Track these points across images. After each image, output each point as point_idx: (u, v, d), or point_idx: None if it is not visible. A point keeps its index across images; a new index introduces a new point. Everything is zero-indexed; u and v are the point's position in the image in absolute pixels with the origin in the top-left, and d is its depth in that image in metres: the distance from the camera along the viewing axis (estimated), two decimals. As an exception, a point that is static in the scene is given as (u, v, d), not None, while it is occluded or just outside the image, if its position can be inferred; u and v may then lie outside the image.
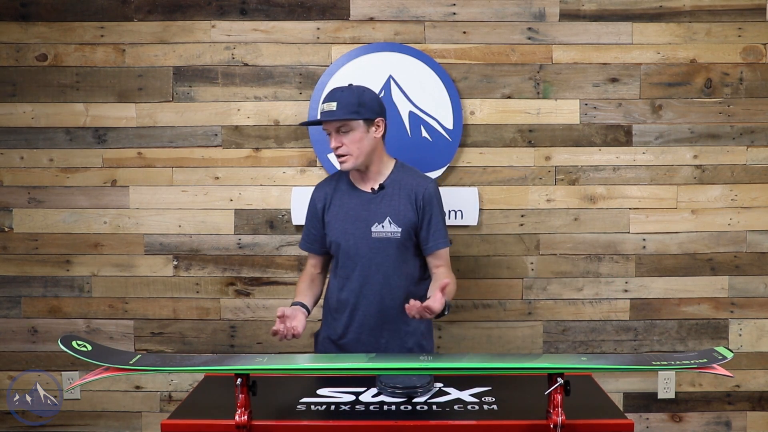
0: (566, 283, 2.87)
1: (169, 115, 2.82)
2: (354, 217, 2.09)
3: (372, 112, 2.03)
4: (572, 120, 2.83)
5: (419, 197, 2.07)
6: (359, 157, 2.03)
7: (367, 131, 2.03)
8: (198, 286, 2.87)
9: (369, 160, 2.07)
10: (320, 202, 2.18)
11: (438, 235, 2.10)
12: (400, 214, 2.06)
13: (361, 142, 2.02)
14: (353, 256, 2.10)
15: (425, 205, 2.07)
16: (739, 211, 2.86)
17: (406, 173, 2.12)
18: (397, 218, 2.05)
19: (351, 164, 2.04)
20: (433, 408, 1.73)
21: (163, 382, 2.90)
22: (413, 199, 2.07)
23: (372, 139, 2.04)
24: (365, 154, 2.04)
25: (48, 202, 2.85)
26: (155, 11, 2.79)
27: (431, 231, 2.09)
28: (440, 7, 2.78)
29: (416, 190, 2.07)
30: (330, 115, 2.00)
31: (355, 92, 2.04)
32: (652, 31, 2.80)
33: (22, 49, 2.80)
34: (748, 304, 2.88)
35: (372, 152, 2.05)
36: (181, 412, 1.74)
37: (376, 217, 2.06)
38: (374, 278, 2.09)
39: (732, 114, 2.83)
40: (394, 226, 2.05)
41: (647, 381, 2.90)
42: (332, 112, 2.00)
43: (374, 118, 2.04)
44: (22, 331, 2.88)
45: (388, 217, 2.05)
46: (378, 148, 2.08)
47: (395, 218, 2.05)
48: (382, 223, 2.05)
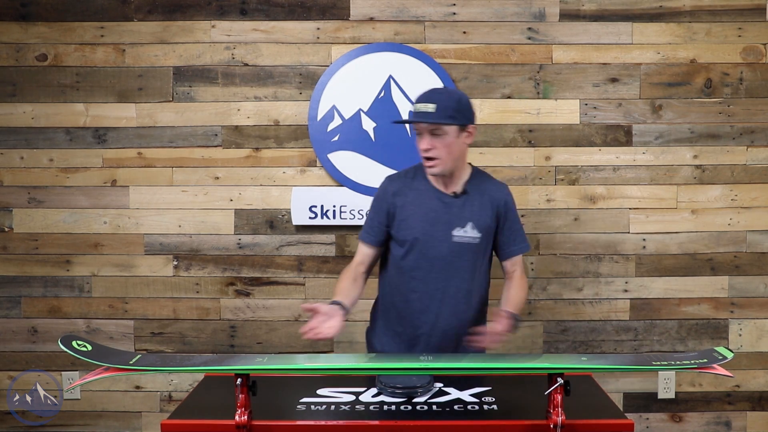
0: (566, 283, 2.87)
1: (169, 115, 2.82)
2: (434, 218, 2.04)
3: (467, 118, 2.00)
4: (572, 120, 2.83)
5: (500, 204, 2.07)
6: (448, 163, 1.99)
7: (459, 137, 1.99)
8: (198, 286, 2.87)
9: (455, 166, 2.03)
10: (392, 197, 2.10)
11: (519, 240, 2.13)
12: (480, 220, 2.04)
13: (451, 147, 1.98)
14: (432, 258, 2.05)
15: (506, 212, 2.09)
16: (739, 211, 2.86)
17: (483, 179, 2.11)
18: (479, 224, 2.04)
19: (439, 169, 2.00)
20: (433, 408, 1.73)
21: (163, 382, 2.90)
22: (494, 205, 2.07)
23: (462, 144, 2.01)
24: (454, 160, 2.00)
25: (48, 202, 2.85)
26: (155, 11, 2.79)
27: (513, 236, 2.12)
28: (440, 7, 2.78)
29: (496, 196, 2.07)
30: (428, 116, 1.95)
31: (454, 96, 2.01)
32: (652, 31, 2.80)
33: (22, 49, 2.80)
34: (748, 304, 2.88)
35: (459, 159, 2.03)
36: (181, 412, 1.74)
37: (458, 221, 2.03)
38: (453, 281, 2.06)
39: (732, 114, 2.83)
40: (475, 231, 2.04)
41: (647, 381, 2.90)
42: (430, 114, 1.95)
43: (468, 124, 2.01)
44: (22, 331, 2.88)
45: (469, 222, 2.04)
46: (464, 156, 2.06)
47: (477, 224, 2.04)
48: (464, 228, 2.03)
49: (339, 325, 1.88)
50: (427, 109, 1.95)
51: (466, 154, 2.07)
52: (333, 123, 2.78)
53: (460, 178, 2.07)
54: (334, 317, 1.87)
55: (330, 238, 2.84)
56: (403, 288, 2.10)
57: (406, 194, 2.08)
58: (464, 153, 2.04)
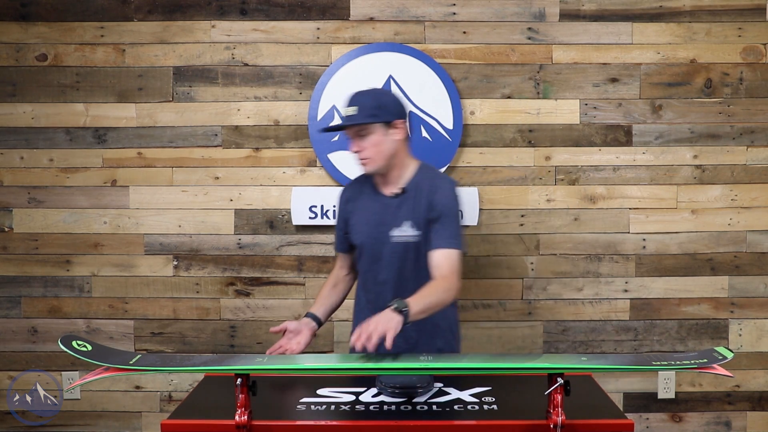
0: (566, 283, 2.87)
1: (169, 115, 2.82)
2: (376, 221, 2.06)
3: (390, 114, 2.00)
4: (572, 120, 2.83)
5: (434, 197, 2.02)
6: (379, 161, 2.00)
7: (386, 134, 1.99)
8: (198, 286, 2.87)
9: (390, 163, 2.03)
10: (345, 204, 2.17)
11: (447, 236, 1.98)
12: (418, 218, 2.02)
13: (380, 146, 1.98)
14: (378, 260, 2.08)
15: (441, 208, 2.01)
16: (739, 211, 2.86)
17: (427, 175, 2.08)
18: (416, 222, 2.02)
19: (371, 168, 2.01)
20: (433, 408, 1.73)
21: (163, 382, 2.90)
22: (429, 202, 2.03)
23: (392, 141, 2.00)
24: (385, 158, 2.00)
25: (48, 202, 2.85)
26: (155, 11, 2.79)
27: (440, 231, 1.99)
28: (440, 7, 2.78)
29: (432, 191, 2.03)
30: (349, 119, 1.98)
31: (375, 95, 2.03)
32: (652, 31, 2.80)
33: (22, 49, 2.80)
34: (748, 304, 2.88)
35: (393, 155, 2.02)
36: (181, 412, 1.74)
37: (395, 221, 2.04)
38: (400, 281, 2.06)
39: (732, 114, 2.83)
40: (413, 229, 2.02)
41: (647, 381, 2.90)
42: (351, 117, 1.97)
43: (393, 120, 2.00)
44: (22, 331, 2.88)
45: (406, 221, 2.03)
46: (399, 151, 2.03)
47: (415, 222, 2.02)
48: (401, 227, 2.02)
49: (306, 340, 2.05)
50: (349, 113, 1.98)
51: (404, 150, 2.05)
52: (333, 123, 2.78)
53: (401, 176, 2.05)
54: (302, 333, 2.04)
55: (330, 238, 2.84)
56: (363, 289, 2.16)
57: (356, 200, 2.13)
58: (399, 149, 2.03)
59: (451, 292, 1.91)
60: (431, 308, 1.84)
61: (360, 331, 1.67)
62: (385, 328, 1.66)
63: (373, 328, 1.66)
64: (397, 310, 1.72)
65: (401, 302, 1.74)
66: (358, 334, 1.67)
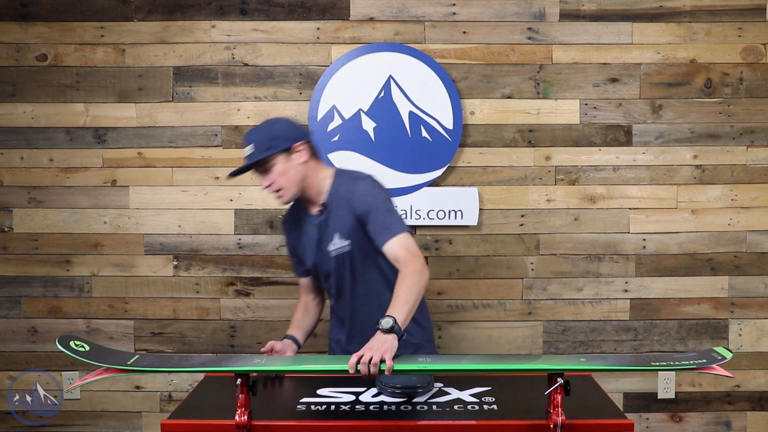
0: (566, 283, 2.87)
1: (169, 115, 2.82)
2: (313, 242, 2.08)
3: (286, 140, 1.99)
4: (572, 120, 2.83)
5: (355, 204, 2.00)
6: (291, 189, 2.00)
7: (289, 160, 1.98)
8: (198, 286, 2.87)
9: (304, 186, 2.02)
10: (288, 233, 2.21)
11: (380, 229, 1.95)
12: (344, 227, 2.02)
13: (287, 174, 1.98)
14: (327, 277, 2.10)
15: (366, 208, 1.98)
16: (739, 211, 2.86)
17: (342, 182, 2.05)
18: (343, 231, 2.02)
19: (287, 197, 2.02)
20: (433, 408, 1.73)
21: (163, 382, 2.90)
22: (351, 208, 2.00)
23: (297, 166, 1.99)
24: (296, 183, 2.00)
25: (48, 202, 2.85)
26: (155, 11, 2.79)
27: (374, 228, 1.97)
28: (440, 7, 2.78)
29: (349, 196, 2.01)
30: (249, 158, 1.98)
31: (266, 128, 2.02)
32: (652, 31, 2.80)
33: (22, 49, 2.80)
34: (748, 304, 2.88)
35: (303, 178, 2.01)
36: (181, 412, 1.74)
37: (327, 236, 2.05)
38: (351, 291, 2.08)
39: (732, 114, 2.83)
40: (343, 240, 2.02)
41: (647, 381, 2.90)
42: (250, 156, 1.98)
43: (291, 145, 1.99)
44: (22, 331, 2.88)
45: (335, 234, 2.03)
46: (310, 172, 2.02)
47: (342, 232, 2.02)
48: (333, 240, 2.03)
49: None
50: (246, 153, 1.99)
51: (315, 168, 2.04)
52: (333, 123, 2.78)
53: (319, 193, 2.05)
54: (287, 352, 2.07)
55: (330, 238, 2.84)
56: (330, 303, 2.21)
57: (295, 227, 2.16)
58: (307, 170, 2.02)
59: (422, 275, 1.87)
60: (414, 304, 1.82)
61: (357, 358, 1.65)
62: (381, 352, 1.65)
63: (369, 356, 1.64)
64: (386, 330, 1.70)
65: (386, 320, 1.71)
66: (355, 362, 1.65)
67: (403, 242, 1.93)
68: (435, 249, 2.85)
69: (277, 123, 2.06)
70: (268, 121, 2.08)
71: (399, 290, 1.82)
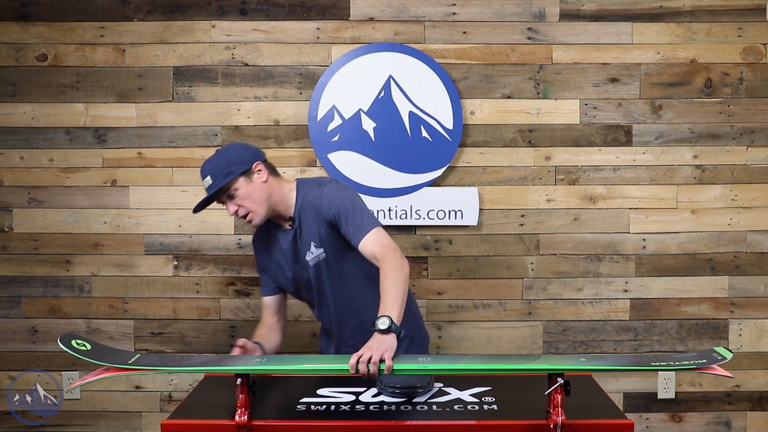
0: (566, 283, 2.87)
1: (169, 115, 2.82)
2: (290, 255, 2.09)
3: (243, 163, 2.00)
4: (572, 120, 2.83)
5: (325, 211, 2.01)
6: (260, 210, 2.01)
7: (251, 182, 2.00)
8: (198, 286, 2.87)
9: (271, 205, 2.03)
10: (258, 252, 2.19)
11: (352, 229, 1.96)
12: (317, 236, 2.03)
13: (252, 196, 1.99)
14: (307, 288, 2.11)
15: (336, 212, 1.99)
16: (739, 211, 2.86)
17: (307, 192, 2.06)
18: (317, 240, 2.03)
19: (257, 219, 2.02)
20: (433, 408, 1.73)
21: (163, 382, 2.90)
22: (321, 215, 2.01)
23: (260, 186, 2.01)
24: (262, 204, 2.01)
25: (48, 202, 2.85)
26: (155, 11, 2.79)
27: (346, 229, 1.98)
28: (440, 7, 2.78)
29: (317, 204, 2.02)
30: (210, 189, 2.00)
31: (219, 156, 2.03)
32: (652, 31, 2.80)
33: (22, 49, 2.80)
34: (748, 304, 2.88)
35: (269, 196, 2.02)
36: (181, 412, 1.74)
37: (303, 248, 2.05)
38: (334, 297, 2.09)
39: (732, 114, 2.83)
40: (318, 249, 2.03)
41: (647, 381, 2.90)
42: (211, 186, 2.00)
43: (250, 167, 2.01)
44: (22, 331, 2.88)
45: (311, 243, 2.04)
46: (274, 189, 2.04)
47: (316, 241, 2.03)
48: (310, 250, 2.04)
49: None
50: (207, 184, 2.01)
51: (278, 184, 2.06)
52: (333, 123, 2.78)
53: (287, 207, 2.06)
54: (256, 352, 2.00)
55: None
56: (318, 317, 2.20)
57: (265, 246, 2.15)
58: (271, 188, 2.03)
59: (403, 267, 1.87)
60: (403, 298, 1.83)
61: (356, 359, 1.65)
62: (381, 351, 1.65)
63: (369, 355, 1.65)
64: (384, 330, 1.70)
65: (382, 320, 1.72)
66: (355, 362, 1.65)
67: (376, 238, 1.94)
68: (435, 249, 2.85)
69: (230, 149, 2.07)
70: (219, 150, 2.09)
71: (385, 287, 1.82)
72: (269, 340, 2.13)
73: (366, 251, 1.94)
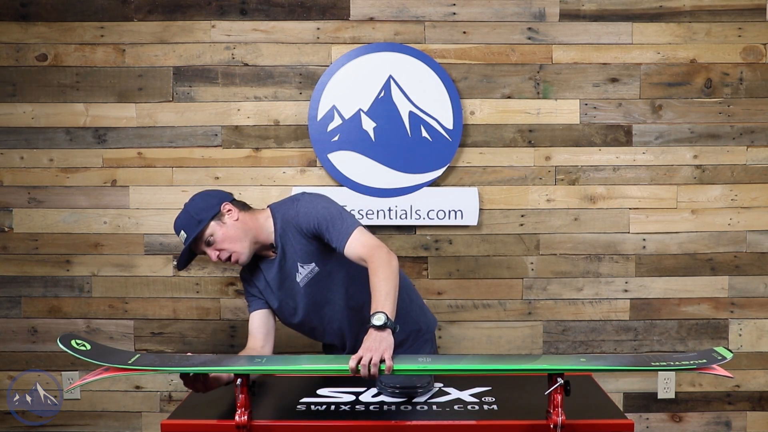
0: (566, 283, 2.87)
1: (169, 115, 2.82)
2: (279, 285, 2.07)
3: (209, 210, 2.01)
4: (572, 120, 2.83)
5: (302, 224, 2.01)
6: (241, 248, 2.00)
7: (224, 224, 2.00)
8: (198, 286, 2.87)
9: (251, 238, 2.03)
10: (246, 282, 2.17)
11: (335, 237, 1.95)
12: (302, 253, 2.03)
13: (229, 236, 1.99)
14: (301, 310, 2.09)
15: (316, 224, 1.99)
16: (739, 211, 2.86)
17: (284, 213, 2.06)
18: (304, 257, 2.03)
19: (243, 257, 2.02)
20: (433, 408, 1.73)
21: (163, 382, 2.90)
22: (302, 233, 2.01)
23: (233, 224, 2.01)
24: (242, 241, 2.01)
25: (48, 202, 2.85)
26: (155, 11, 2.79)
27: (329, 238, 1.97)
28: (440, 7, 2.78)
29: (296, 222, 2.02)
30: (187, 241, 2.00)
31: (186, 210, 2.03)
32: (652, 31, 2.80)
33: (22, 49, 2.80)
34: (748, 304, 2.88)
35: (246, 232, 2.02)
36: (181, 412, 1.74)
37: (292, 270, 2.05)
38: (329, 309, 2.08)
39: (732, 114, 2.83)
40: (308, 266, 2.03)
41: (647, 381, 2.90)
42: (187, 239, 2.00)
43: (217, 211, 2.02)
44: (22, 331, 2.88)
45: (297, 263, 2.03)
46: (249, 224, 2.03)
47: (303, 259, 2.03)
48: (299, 271, 2.04)
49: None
50: (183, 238, 2.01)
51: (250, 219, 2.05)
52: (333, 123, 2.78)
53: (267, 236, 2.05)
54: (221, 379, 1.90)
55: (330, 238, 2.84)
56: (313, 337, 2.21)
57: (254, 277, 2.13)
58: (246, 224, 2.03)
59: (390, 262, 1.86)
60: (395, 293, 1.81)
61: (356, 361, 1.64)
62: (380, 352, 1.64)
63: (369, 357, 1.64)
64: (380, 327, 1.69)
65: (378, 316, 1.71)
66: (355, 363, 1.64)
67: (359, 239, 1.93)
68: (435, 249, 2.85)
69: (195, 199, 2.07)
70: (186, 203, 2.07)
71: (375, 285, 1.81)
72: None
73: (352, 255, 1.93)
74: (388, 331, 1.69)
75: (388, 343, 1.67)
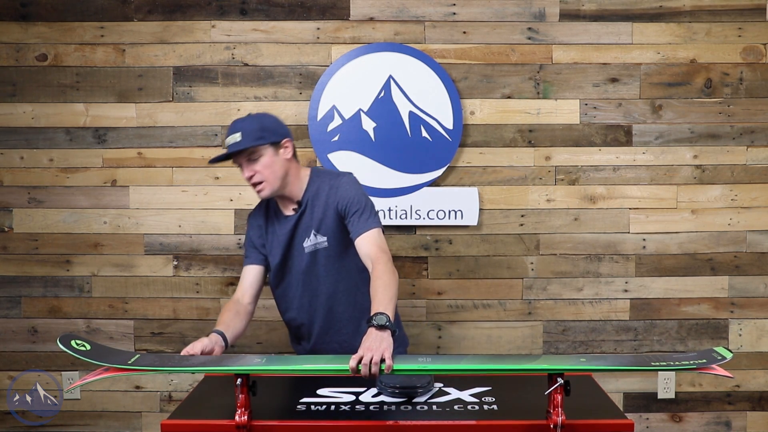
0: (566, 283, 2.87)
1: (169, 115, 2.82)
2: (284, 240, 2.08)
3: (276, 134, 2.01)
4: (572, 120, 2.83)
5: (337, 201, 2.02)
6: (274, 183, 2.00)
7: (276, 154, 2.00)
8: (198, 286, 2.87)
9: (285, 183, 2.03)
10: (251, 224, 2.17)
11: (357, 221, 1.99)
12: (322, 224, 2.03)
13: (272, 167, 1.99)
14: (294, 275, 2.10)
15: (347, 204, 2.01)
16: (739, 211, 2.86)
17: (321, 181, 2.07)
18: (321, 228, 2.04)
19: (268, 191, 2.01)
20: (433, 408, 1.73)
21: (163, 382, 2.90)
22: (332, 205, 2.03)
23: (283, 161, 2.01)
24: (279, 178, 2.01)
25: (48, 202, 2.85)
26: (155, 11, 2.79)
27: (351, 220, 2.00)
28: (440, 7, 2.78)
29: (334, 192, 2.03)
30: (237, 145, 1.96)
31: (256, 119, 2.02)
32: (652, 31, 2.80)
33: (22, 49, 2.80)
34: (748, 304, 2.88)
35: (286, 175, 2.03)
36: (181, 412, 1.74)
37: (303, 233, 2.06)
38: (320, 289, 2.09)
39: (732, 114, 2.83)
40: (320, 236, 2.04)
41: (647, 381, 2.90)
42: (238, 143, 1.96)
43: (280, 140, 2.01)
44: (22, 331, 2.88)
45: (312, 229, 2.04)
46: (291, 169, 2.05)
47: (319, 229, 2.04)
48: (310, 237, 2.04)
49: None
50: (234, 140, 1.98)
51: (296, 167, 2.07)
52: (333, 123, 2.78)
53: (297, 192, 2.07)
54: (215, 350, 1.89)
55: (330, 238, 2.84)
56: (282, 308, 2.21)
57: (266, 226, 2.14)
58: (290, 167, 2.04)
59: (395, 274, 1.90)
60: (395, 301, 1.84)
61: (356, 361, 1.64)
62: (381, 351, 1.65)
63: (369, 356, 1.64)
64: (381, 327, 1.71)
65: (380, 317, 1.72)
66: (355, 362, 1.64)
67: (376, 238, 1.98)
68: (435, 249, 2.85)
69: (266, 116, 2.07)
70: (256, 114, 2.07)
71: (378, 288, 1.83)
72: (234, 324, 2.05)
73: (362, 247, 1.96)
74: (388, 332, 1.70)
75: (388, 343, 1.67)
